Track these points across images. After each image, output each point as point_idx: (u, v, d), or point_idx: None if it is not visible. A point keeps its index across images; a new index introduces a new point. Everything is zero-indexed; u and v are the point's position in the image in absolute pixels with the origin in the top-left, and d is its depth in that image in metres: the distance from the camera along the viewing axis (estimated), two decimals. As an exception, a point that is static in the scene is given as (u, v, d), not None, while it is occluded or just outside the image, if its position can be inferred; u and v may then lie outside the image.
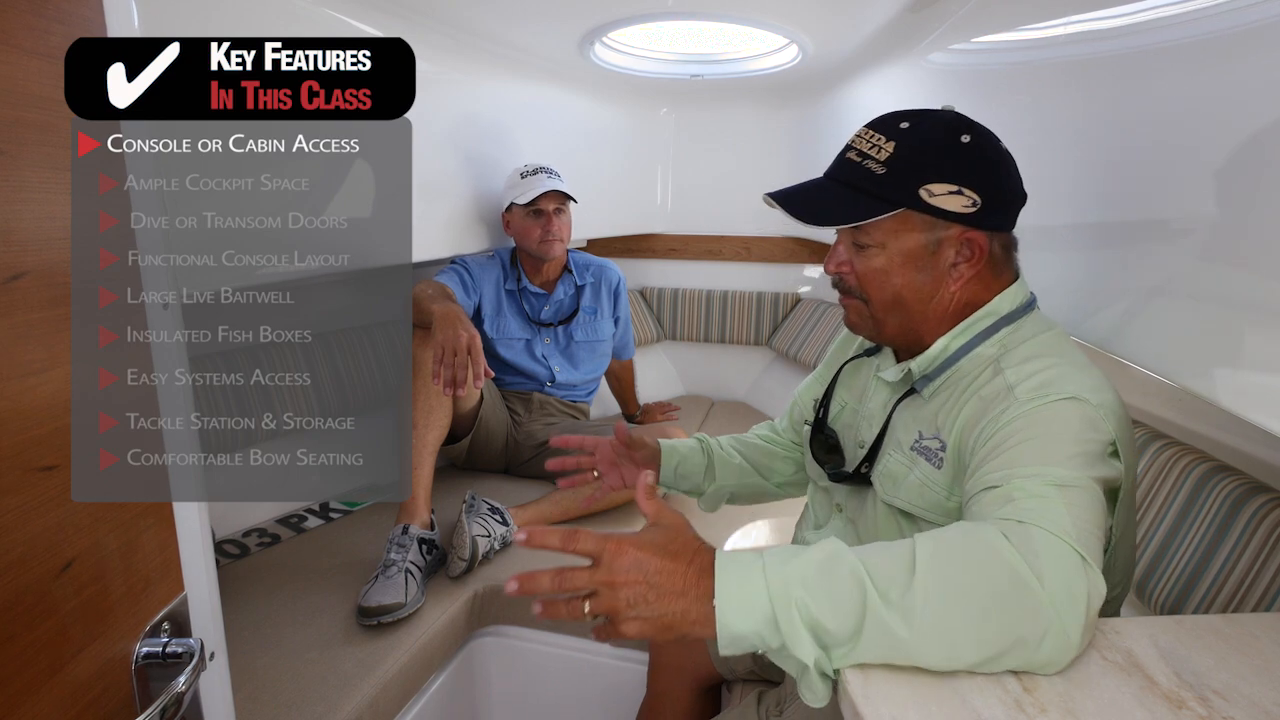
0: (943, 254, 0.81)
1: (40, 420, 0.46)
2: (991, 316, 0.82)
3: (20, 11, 0.45)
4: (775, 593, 0.57)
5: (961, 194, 0.78)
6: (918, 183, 0.78)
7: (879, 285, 0.84)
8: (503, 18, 1.78)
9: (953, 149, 0.79)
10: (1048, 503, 0.62)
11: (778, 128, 2.73)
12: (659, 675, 1.27)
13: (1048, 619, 0.55)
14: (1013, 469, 0.66)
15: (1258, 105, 0.69)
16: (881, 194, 0.80)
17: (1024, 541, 0.58)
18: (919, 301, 0.83)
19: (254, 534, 1.71)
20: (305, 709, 1.14)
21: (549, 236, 1.95)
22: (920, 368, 0.85)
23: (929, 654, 0.56)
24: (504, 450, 2.03)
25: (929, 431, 0.82)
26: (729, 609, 0.58)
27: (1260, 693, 0.55)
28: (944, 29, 1.53)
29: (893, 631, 0.55)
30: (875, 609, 0.56)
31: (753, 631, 0.57)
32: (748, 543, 1.84)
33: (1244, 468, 1.01)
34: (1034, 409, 0.70)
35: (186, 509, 0.60)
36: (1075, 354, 0.79)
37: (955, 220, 0.79)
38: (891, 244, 0.82)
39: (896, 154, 0.79)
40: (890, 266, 0.82)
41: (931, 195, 0.78)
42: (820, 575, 0.58)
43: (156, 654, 0.56)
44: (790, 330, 2.77)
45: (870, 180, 0.80)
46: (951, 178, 0.78)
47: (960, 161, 0.79)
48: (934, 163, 0.79)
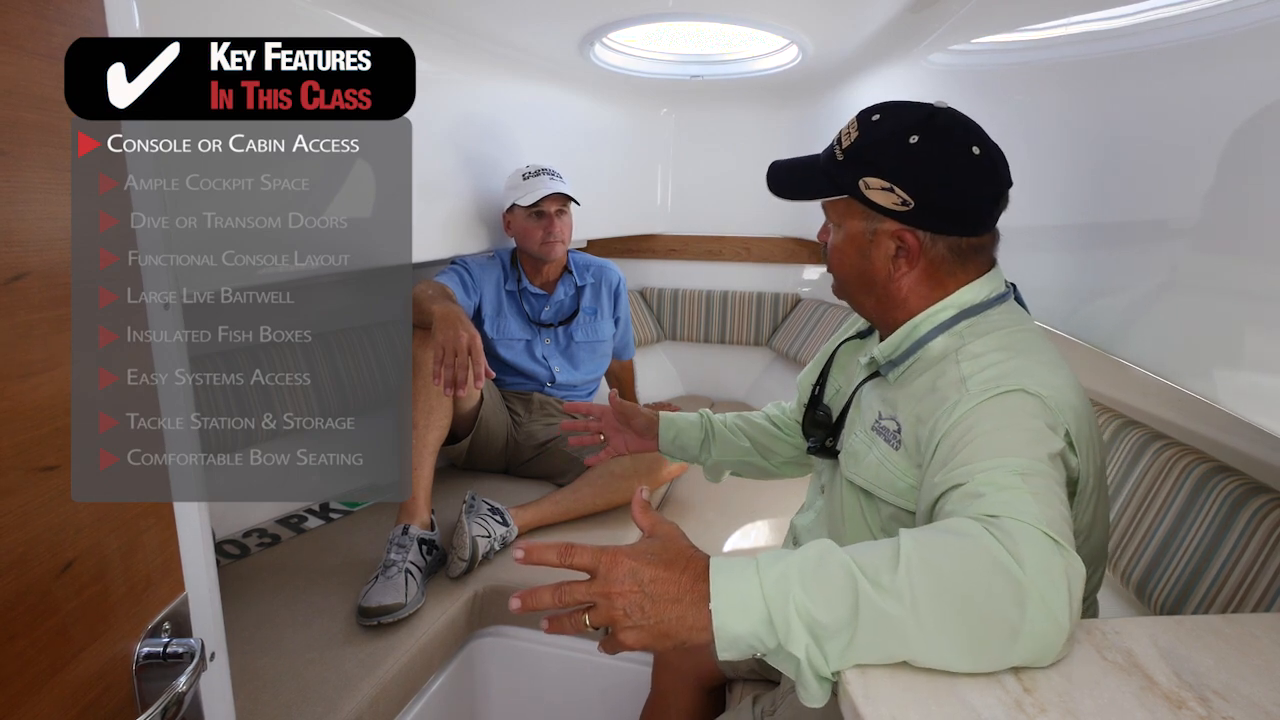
0: (880, 244, 0.86)
1: (40, 420, 0.46)
2: (953, 308, 0.84)
3: (21, 12, 0.45)
4: (770, 591, 0.58)
5: (893, 191, 0.82)
6: (859, 174, 0.84)
7: (836, 260, 0.91)
8: (503, 18, 1.78)
9: (896, 148, 0.82)
10: (1015, 493, 0.63)
11: (778, 128, 2.73)
12: (663, 675, 1.27)
13: (1033, 600, 0.56)
14: (974, 463, 0.67)
15: (1258, 105, 0.69)
16: (834, 178, 0.86)
17: (999, 531, 0.59)
18: (871, 283, 0.88)
19: (254, 534, 1.71)
20: (305, 709, 1.14)
21: (551, 238, 1.95)
22: (884, 353, 0.88)
23: (923, 638, 0.56)
24: (504, 450, 2.03)
25: (887, 412, 0.85)
26: (725, 611, 0.58)
27: (1260, 693, 0.55)
28: (944, 29, 1.53)
29: (886, 613, 0.56)
30: (867, 594, 0.56)
31: (750, 632, 0.58)
32: (747, 543, 1.84)
33: (1244, 468, 1.01)
34: (984, 401, 0.72)
35: (187, 509, 0.61)
36: (1041, 350, 0.79)
37: (888, 215, 0.84)
38: (843, 225, 0.89)
39: (855, 143, 0.85)
40: (843, 246, 0.89)
41: (868, 188, 0.83)
42: (813, 570, 0.59)
43: (157, 654, 0.56)
44: (790, 330, 2.77)
45: (832, 164, 0.87)
46: (887, 174, 0.82)
47: (899, 161, 0.82)
48: (876, 158, 0.83)
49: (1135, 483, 1.12)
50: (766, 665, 1.17)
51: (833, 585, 0.58)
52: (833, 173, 0.87)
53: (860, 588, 0.57)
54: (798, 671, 0.58)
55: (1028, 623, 0.55)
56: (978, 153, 0.82)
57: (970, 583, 0.56)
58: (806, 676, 0.58)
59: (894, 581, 0.56)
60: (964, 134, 0.83)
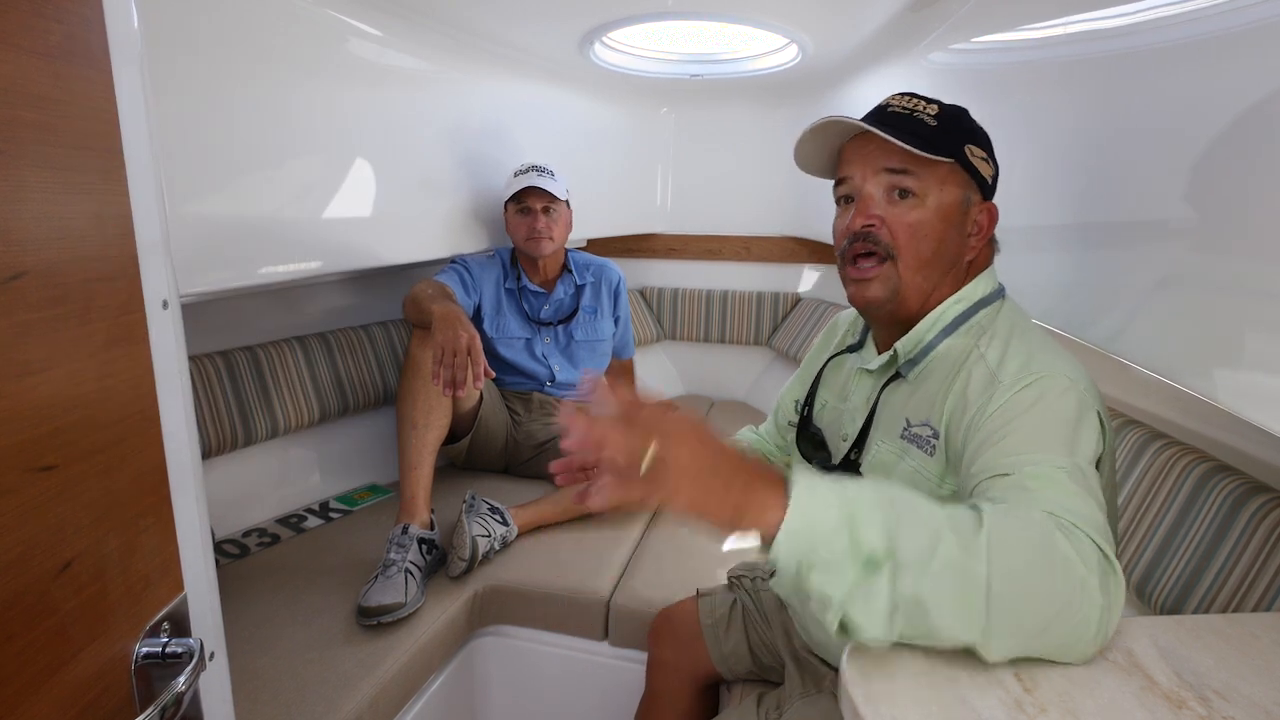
0: (971, 216, 0.84)
1: (39, 420, 0.46)
2: (966, 301, 0.84)
3: (19, 11, 0.45)
4: (853, 495, 0.55)
5: (989, 162, 0.83)
6: (964, 140, 0.82)
7: (914, 238, 0.81)
8: (503, 17, 1.78)
9: (976, 124, 0.85)
10: (1063, 489, 0.62)
11: (778, 127, 2.73)
12: (657, 674, 1.27)
13: (1089, 595, 0.55)
14: (1019, 455, 0.66)
15: (1257, 105, 0.69)
16: (934, 141, 0.80)
17: (1065, 532, 0.58)
18: (944, 261, 0.83)
19: (254, 534, 1.71)
20: (305, 709, 1.14)
21: (535, 234, 1.95)
22: (906, 349, 0.85)
23: (983, 607, 0.54)
24: (504, 450, 2.03)
25: (918, 419, 0.82)
26: (803, 498, 0.55)
27: (1260, 693, 0.55)
28: (944, 29, 1.53)
29: (963, 567, 0.54)
30: (947, 539, 0.54)
31: (826, 521, 0.54)
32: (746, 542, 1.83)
33: (1244, 468, 1.01)
34: (1019, 391, 0.72)
35: (186, 509, 0.60)
36: (1047, 338, 0.81)
37: (980, 186, 0.84)
38: (934, 195, 0.81)
39: (943, 112, 0.83)
40: (927, 219, 0.81)
41: (973, 155, 0.82)
42: (904, 499, 0.57)
43: (156, 654, 0.56)
44: (790, 330, 2.77)
45: (924, 128, 0.81)
46: (983, 144, 0.84)
47: (982, 135, 0.85)
48: (971, 128, 0.84)
49: (1135, 482, 1.12)
50: (764, 666, 1.17)
51: (921, 515, 0.56)
52: (932, 137, 0.80)
53: (943, 534, 0.55)
54: (843, 593, 0.54)
55: (1077, 625, 0.55)
56: None
57: (1038, 573, 0.55)
58: (847, 602, 0.54)
59: (974, 543, 0.55)
60: None
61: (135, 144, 0.55)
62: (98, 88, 0.51)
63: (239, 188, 1.35)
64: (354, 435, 2.04)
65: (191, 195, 1.25)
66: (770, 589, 1.17)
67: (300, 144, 1.48)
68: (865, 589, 0.54)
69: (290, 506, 1.85)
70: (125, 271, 0.54)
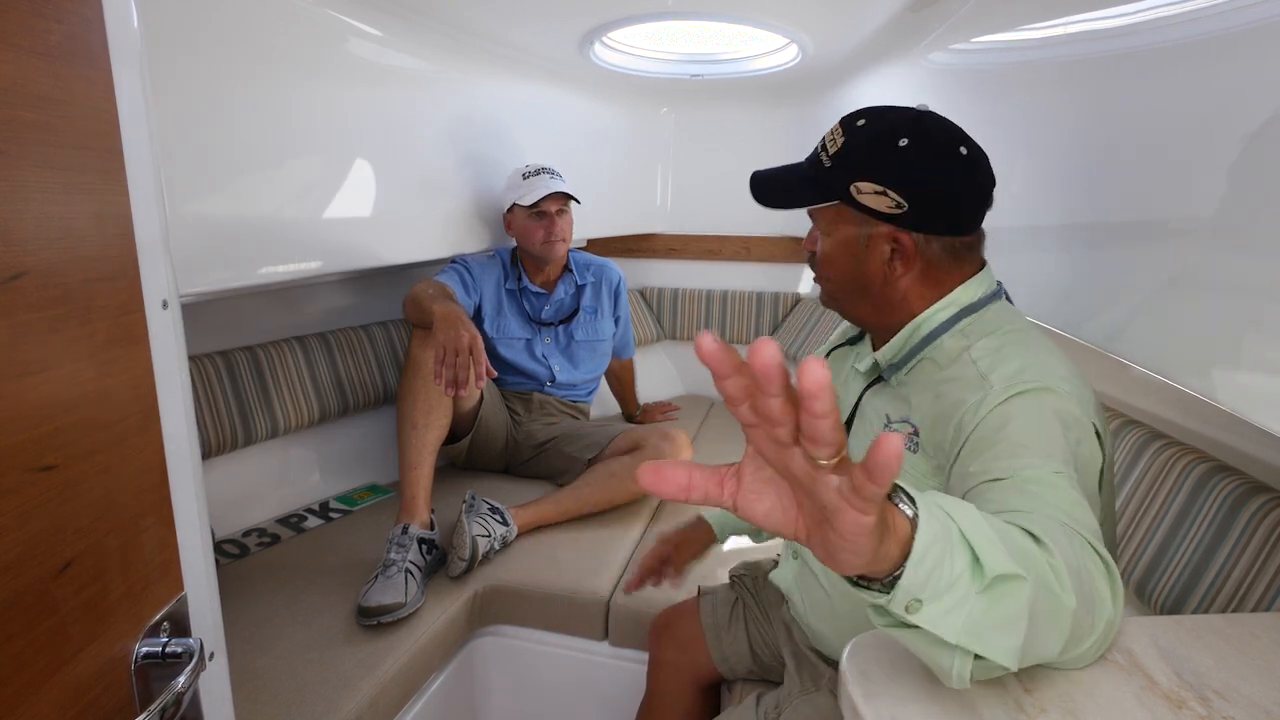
0: (875, 249, 0.85)
1: (39, 420, 0.46)
2: (953, 306, 0.84)
3: (19, 11, 0.45)
4: (966, 525, 0.48)
5: (886, 195, 0.82)
6: (850, 179, 0.83)
7: (826, 267, 0.90)
8: (503, 17, 1.78)
9: (886, 152, 0.82)
10: (1064, 495, 0.62)
11: (777, 127, 2.73)
12: (658, 674, 1.27)
13: (1101, 606, 0.55)
14: (1013, 459, 0.66)
15: (1258, 105, 0.69)
16: (824, 184, 0.86)
17: (1079, 543, 0.57)
18: (866, 288, 0.87)
19: (254, 534, 1.71)
20: (305, 709, 1.14)
21: (552, 238, 1.95)
22: (885, 358, 0.88)
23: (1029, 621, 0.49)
24: (504, 450, 2.03)
25: (897, 415, 0.84)
26: (924, 519, 0.45)
27: (1260, 693, 0.55)
28: (944, 29, 1.53)
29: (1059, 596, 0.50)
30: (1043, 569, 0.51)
31: (936, 537, 0.45)
32: (745, 542, 1.83)
33: (1244, 468, 1.01)
34: (1012, 397, 0.72)
35: (186, 508, 0.60)
36: (1043, 344, 0.80)
37: (881, 219, 0.83)
38: (833, 232, 0.88)
39: (842, 150, 0.84)
40: (834, 253, 0.88)
41: (860, 193, 0.83)
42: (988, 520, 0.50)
43: (156, 654, 0.56)
44: (790, 330, 2.77)
45: (820, 170, 0.86)
46: (880, 178, 0.82)
47: (890, 164, 0.82)
48: (866, 163, 0.83)
49: (1135, 482, 1.12)
50: (764, 666, 1.17)
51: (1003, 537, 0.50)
52: (821, 180, 0.86)
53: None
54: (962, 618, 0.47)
55: (1088, 635, 0.55)
56: (965, 153, 0.82)
57: (1082, 600, 0.53)
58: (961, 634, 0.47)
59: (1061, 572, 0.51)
60: (950, 135, 0.83)
61: (135, 144, 0.55)
62: (98, 88, 0.51)
63: (239, 188, 1.35)
64: (354, 435, 2.04)
65: (191, 195, 1.25)
66: (772, 583, 1.17)
67: (300, 144, 1.47)
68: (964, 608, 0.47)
69: (290, 506, 1.85)
70: (125, 271, 0.54)
